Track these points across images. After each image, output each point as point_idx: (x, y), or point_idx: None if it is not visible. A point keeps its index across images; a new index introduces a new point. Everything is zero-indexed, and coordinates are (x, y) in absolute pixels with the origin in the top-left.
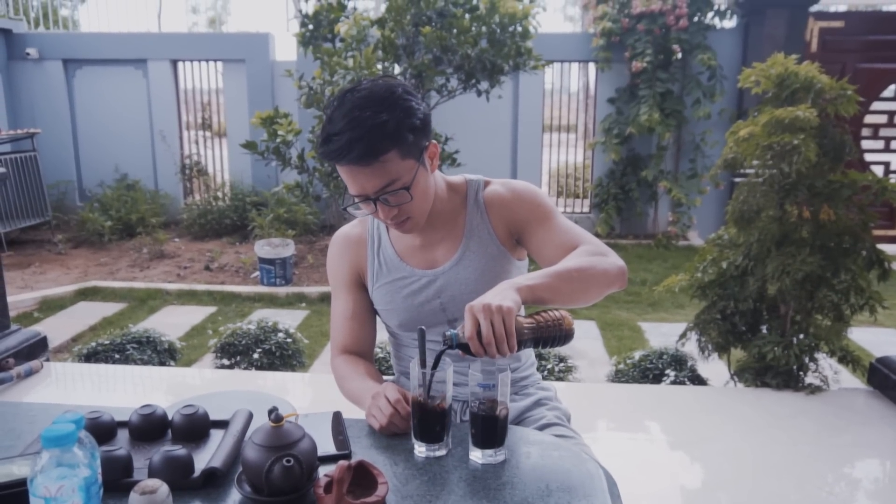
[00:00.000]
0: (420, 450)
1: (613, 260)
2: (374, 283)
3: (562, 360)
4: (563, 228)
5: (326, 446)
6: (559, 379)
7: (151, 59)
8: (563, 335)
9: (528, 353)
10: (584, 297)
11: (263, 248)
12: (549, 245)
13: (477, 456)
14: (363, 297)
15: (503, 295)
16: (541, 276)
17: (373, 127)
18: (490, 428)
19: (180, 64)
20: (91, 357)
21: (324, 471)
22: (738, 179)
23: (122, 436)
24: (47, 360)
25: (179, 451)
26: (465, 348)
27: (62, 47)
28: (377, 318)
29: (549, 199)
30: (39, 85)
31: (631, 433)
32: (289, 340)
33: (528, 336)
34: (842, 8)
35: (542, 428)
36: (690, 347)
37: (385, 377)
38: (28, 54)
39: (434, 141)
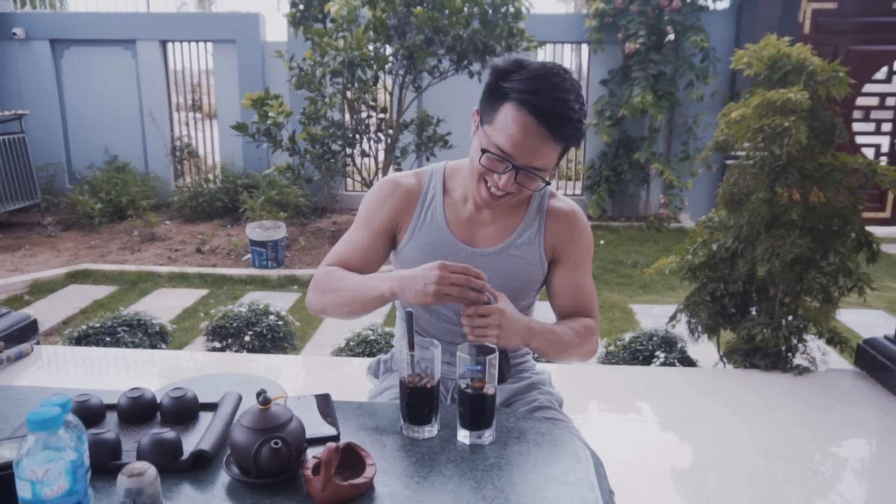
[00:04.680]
0: (408, 431)
1: (595, 342)
2: (409, 237)
3: None
4: (587, 285)
5: (315, 428)
6: (549, 361)
7: (140, 40)
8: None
9: None
10: (555, 360)
11: (255, 230)
12: (567, 290)
13: (464, 437)
14: (383, 245)
15: (521, 334)
16: (544, 335)
17: (582, 117)
18: (478, 409)
19: (169, 45)
20: (82, 340)
21: (312, 453)
22: (729, 162)
23: (111, 419)
24: (38, 343)
25: (168, 433)
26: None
27: (49, 27)
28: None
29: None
30: (26, 66)
31: (621, 414)
32: (280, 323)
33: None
34: None
35: (531, 410)
36: (680, 329)
37: (381, 356)
38: (14, 34)
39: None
